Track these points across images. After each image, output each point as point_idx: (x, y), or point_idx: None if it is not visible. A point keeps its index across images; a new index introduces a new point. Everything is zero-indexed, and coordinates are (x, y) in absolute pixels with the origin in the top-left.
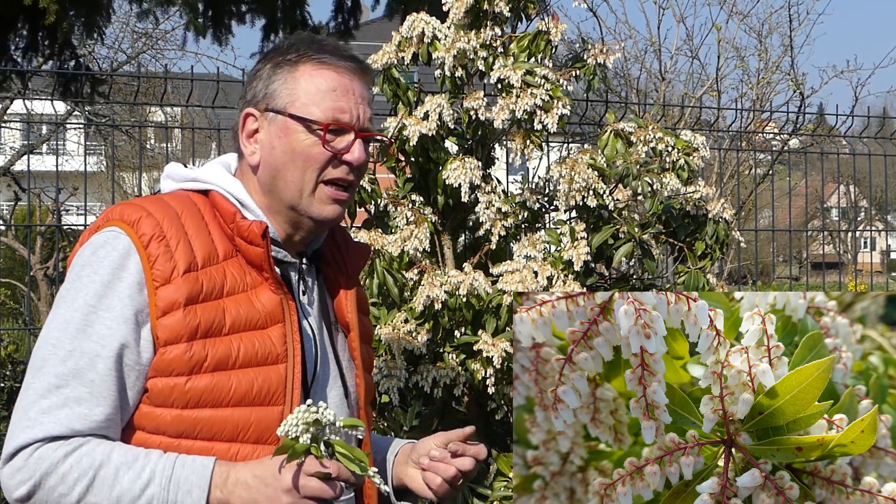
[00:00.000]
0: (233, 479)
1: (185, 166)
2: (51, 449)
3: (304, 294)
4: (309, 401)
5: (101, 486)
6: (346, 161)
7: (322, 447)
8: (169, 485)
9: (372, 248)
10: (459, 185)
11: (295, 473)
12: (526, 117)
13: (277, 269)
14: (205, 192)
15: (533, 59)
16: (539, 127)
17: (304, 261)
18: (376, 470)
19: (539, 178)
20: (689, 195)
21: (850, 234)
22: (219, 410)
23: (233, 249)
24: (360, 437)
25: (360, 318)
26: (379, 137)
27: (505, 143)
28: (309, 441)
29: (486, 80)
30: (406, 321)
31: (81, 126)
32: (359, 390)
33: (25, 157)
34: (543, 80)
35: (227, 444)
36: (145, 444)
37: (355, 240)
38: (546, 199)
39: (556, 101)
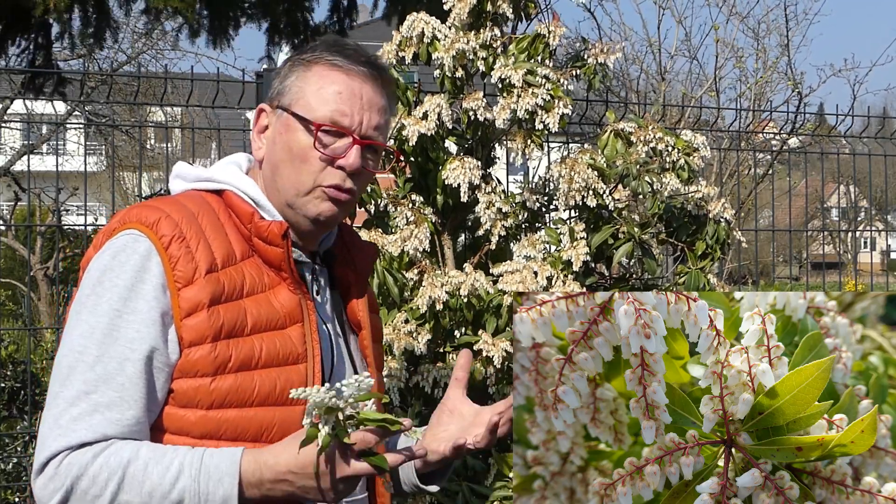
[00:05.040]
0: (269, 476)
1: (192, 165)
2: (79, 454)
3: (317, 294)
4: (320, 387)
5: (132, 483)
6: (341, 166)
7: (347, 425)
8: (199, 476)
9: None
10: (458, 184)
11: (334, 461)
12: (527, 117)
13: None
14: (218, 192)
15: (532, 61)
16: (540, 126)
17: (318, 260)
18: (409, 425)
19: (539, 177)
20: (690, 194)
21: (850, 234)
22: (243, 410)
23: (249, 249)
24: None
25: (370, 317)
26: (380, 146)
27: (505, 143)
28: (332, 430)
29: (485, 81)
30: (406, 321)
31: (81, 126)
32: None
33: (25, 157)
34: (544, 80)
35: (251, 444)
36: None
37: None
38: (546, 198)
39: (557, 101)
